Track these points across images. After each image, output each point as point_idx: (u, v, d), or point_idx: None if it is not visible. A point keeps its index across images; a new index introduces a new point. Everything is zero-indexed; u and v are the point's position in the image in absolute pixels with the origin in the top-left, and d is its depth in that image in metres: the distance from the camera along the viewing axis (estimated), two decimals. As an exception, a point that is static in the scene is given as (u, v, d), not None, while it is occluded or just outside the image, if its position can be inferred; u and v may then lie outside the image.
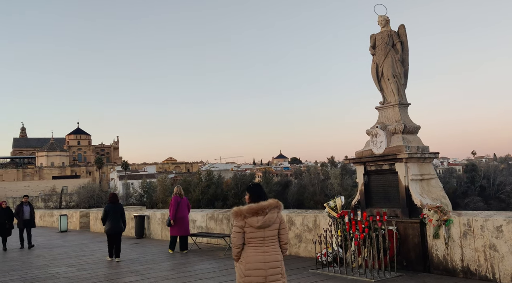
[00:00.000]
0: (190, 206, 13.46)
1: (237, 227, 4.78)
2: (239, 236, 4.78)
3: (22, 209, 16.57)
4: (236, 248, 4.81)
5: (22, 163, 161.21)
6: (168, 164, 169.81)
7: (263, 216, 4.79)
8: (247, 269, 4.76)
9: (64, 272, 10.40)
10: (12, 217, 16.44)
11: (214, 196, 69.56)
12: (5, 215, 16.19)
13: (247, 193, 5.01)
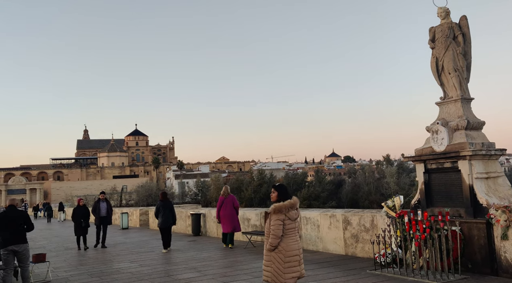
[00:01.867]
0: (237, 204, 13.74)
1: (279, 220, 5.51)
2: (281, 228, 5.51)
3: (99, 205, 15.98)
4: (278, 238, 5.49)
5: (85, 163, 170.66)
6: (221, 163, 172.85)
7: (296, 210, 5.70)
8: (287, 256, 5.49)
9: (127, 267, 10.90)
10: (88, 215, 15.80)
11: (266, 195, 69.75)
12: (81, 213, 15.56)
13: (274, 191, 5.76)
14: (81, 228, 15.37)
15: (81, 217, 15.43)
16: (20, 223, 8.59)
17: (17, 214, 8.70)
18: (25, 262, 8.61)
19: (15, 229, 8.45)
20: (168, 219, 13.49)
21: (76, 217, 15.50)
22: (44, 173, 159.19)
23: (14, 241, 8.38)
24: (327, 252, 11.23)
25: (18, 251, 8.43)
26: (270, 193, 5.93)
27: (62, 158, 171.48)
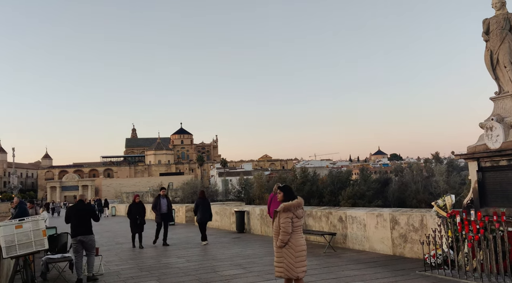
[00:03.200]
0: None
1: (288, 218, 5.93)
2: (290, 225, 5.93)
3: (160, 202, 15.26)
4: (288, 235, 5.91)
5: (133, 161, 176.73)
6: (263, 161, 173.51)
7: (302, 209, 6.13)
8: (297, 251, 5.94)
9: (174, 262, 11.19)
10: (144, 212, 15.30)
11: (309, 194, 69.26)
12: (137, 210, 15.04)
13: (280, 192, 6.19)
14: (137, 225, 14.89)
15: (137, 214, 14.97)
16: (87, 216, 9.57)
17: (84, 207, 9.70)
18: (91, 250, 9.47)
19: (82, 221, 9.42)
20: (205, 215, 14.92)
21: (132, 214, 15.07)
22: (95, 171, 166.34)
23: (82, 232, 9.33)
24: (373, 252, 11.00)
25: (85, 241, 9.36)
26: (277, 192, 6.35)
27: (111, 156, 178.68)
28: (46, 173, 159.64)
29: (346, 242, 12.11)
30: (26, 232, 7.89)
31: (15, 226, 7.90)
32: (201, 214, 14.78)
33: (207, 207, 15.04)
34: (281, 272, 5.93)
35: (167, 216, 15.32)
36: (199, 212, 14.83)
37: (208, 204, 15.28)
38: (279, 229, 5.94)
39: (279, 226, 5.94)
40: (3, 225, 7.83)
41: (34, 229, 7.97)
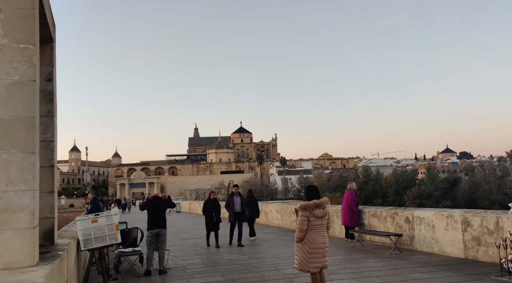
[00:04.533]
0: (349, 199, 14.20)
1: (304, 216, 6.46)
2: (305, 223, 6.46)
3: (233, 200, 14.57)
4: (302, 232, 6.45)
5: (196, 159, 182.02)
6: (323, 160, 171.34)
7: (322, 209, 6.55)
8: (312, 248, 6.39)
9: (237, 259, 11.37)
10: (220, 209, 14.53)
11: (372, 193, 67.38)
12: (213, 207, 14.35)
13: (305, 192, 6.84)
14: (213, 223, 14.12)
15: (213, 211, 14.21)
16: (163, 211, 10.24)
17: (160, 203, 10.36)
18: (162, 244, 10.08)
19: (158, 216, 10.10)
20: (253, 212, 15.70)
21: (208, 211, 14.37)
22: (161, 169, 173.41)
23: (157, 225, 10.01)
24: (443, 254, 10.48)
25: (159, 234, 10.02)
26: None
27: (176, 154, 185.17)
28: (116, 171, 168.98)
29: (413, 244, 11.63)
30: (101, 226, 8.36)
31: (91, 221, 8.39)
32: (249, 211, 15.45)
33: (255, 204, 15.89)
34: (296, 264, 6.54)
35: (241, 215, 14.58)
36: (248, 209, 15.45)
37: (256, 202, 16.12)
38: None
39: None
40: (80, 219, 8.36)
41: (108, 224, 8.43)
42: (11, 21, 4.41)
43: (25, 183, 4.40)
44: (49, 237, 6.19)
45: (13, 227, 4.30)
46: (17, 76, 4.42)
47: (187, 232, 19.89)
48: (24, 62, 4.46)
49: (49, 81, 6.21)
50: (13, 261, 4.28)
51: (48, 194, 6.20)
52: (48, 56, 6.19)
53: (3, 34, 4.37)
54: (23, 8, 4.48)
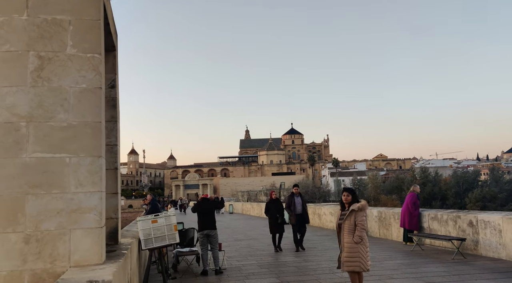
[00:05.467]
0: (409, 201, 13.80)
1: (364, 216, 6.58)
2: (366, 222, 6.66)
3: (294, 201, 13.48)
4: (365, 231, 6.56)
5: (247, 161, 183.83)
6: (378, 161, 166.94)
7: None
8: (367, 246, 6.59)
9: (292, 261, 11.33)
10: (283, 210, 13.65)
11: (430, 195, 64.57)
12: (275, 208, 13.48)
13: (349, 194, 6.73)
14: (277, 224, 13.26)
15: (276, 212, 13.37)
16: (212, 212, 10.49)
17: (209, 205, 10.61)
18: (214, 245, 10.28)
19: (208, 217, 10.33)
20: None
21: (271, 212, 13.51)
22: (213, 170, 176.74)
23: (207, 226, 10.25)
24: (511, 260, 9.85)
25: (210, 235, 10.24)
26: (343, 195, 6.83)
27: (227, 156, 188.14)
28: (171, 173, 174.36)
29: (478, 249, 11.02)
30: (160, 226, 8.65)
31: (151, 221, 8.72)
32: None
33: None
34: (356, 265, 6.47)
35: (302, 217, 13.49)
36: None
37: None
38: (353, 227, 6.55)
39: (353, 224, 6.54)
40: (141, 219, 8.70)
41: (167, 224, 8.71)
42: (79, 32, 4.68)
43: (93, 185, 4.65)
44: (114, 237, 6.49)
45: (83, 227, 4.56)
46: (85, 84, 4.69)
47: (240, 233, 20.11)
48: (91, 70, 4.71)
49: (112, 88, 6.53)
50: (83, 259, 4.53)
51: (112, 195, 6.52)
52: (111, 64, 6.52)
53: (72, 45, 4.65)
54: (90, 19, 4.74)
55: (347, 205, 6.75)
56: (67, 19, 4.65)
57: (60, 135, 4.55)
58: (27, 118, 4.48)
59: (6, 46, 4.51)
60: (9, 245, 4.36)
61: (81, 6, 4.71)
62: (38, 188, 4.45)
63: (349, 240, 6.59)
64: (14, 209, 4.39)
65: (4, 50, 4.51)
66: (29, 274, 4.36)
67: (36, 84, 4.52)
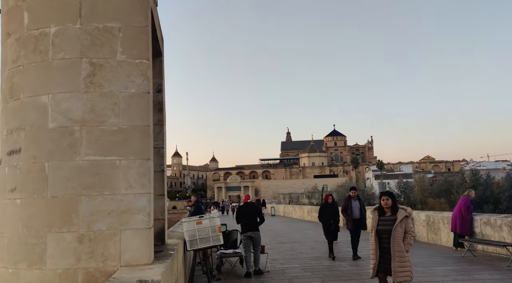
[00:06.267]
0: (463, 205, 13.34)
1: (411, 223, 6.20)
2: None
3: (351, 204, 12.37)
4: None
5: (288, 163, 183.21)
6: (425, 163, 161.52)
7: None
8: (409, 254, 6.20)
9: (337, 265, 11.15)
10: (338, 215, 12.89)
11: (482, 199, 61.45)
12: (331, 213, 12.62)
13: (389, 198, 6.27)
14: (331, 231, 12.53)
15: (330, 218, 12.51)
16: (255, 215, 10.56)
17: (252, 208, 10.72)
18: (257, 246, 10.38)
19: (251, 219, 10.45)
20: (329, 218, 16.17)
21: (325, 217, 12.67)
22: (255, 172, 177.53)
23: (250, 228, 10.37)
24: None
25: (253, 237, 10.33)
26: (381, 199, 6.33)
27: (269, 158, 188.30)
28: (213, 175, 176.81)
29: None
30: (205, 228, 8.77)
31: (196, 222, 8.86)
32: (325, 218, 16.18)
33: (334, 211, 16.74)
34: (407, 275, 6.07)
35: (359, 223, 12.27)
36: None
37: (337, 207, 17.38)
38: (401, 234, 6.11)
39: (402, 231, 6.13)
40: (186, 221, 8.87)
41: (211, 226, 8.82)
42: (129, 39, 4.84)
43: (142, 187, 4.78)
44: (161, 237, 6.65)
45: (133, 228, 4.69)
46: (134, 89, 4.83)
47: (283, 236, 20.05)
48: (139, 76, 4.86)
49: (159, 92, 6.71)
50: (132, 259, 4.66)
51: (159, 197, 6.68)
52: (158, 69, 6.69)
53: (121, 51, 4.82)
54: (139, 26, 4.90)
55: (387, 210, 6.30)
56: (117, 26, 4.82)
57: (111, 138, 4.72)
58: (80, 122, 4.68)
59: (61, 54, 4.74)
60: (64, 244, 4.56)
61: (130, 13, 4.87)
62: (90, 189, 4.63)
63: (400, 249, 6.11)
64: (68, 209, 4.59)
65: (59, 58, 4.74)
66: (83, 272, 4.54)
67: (89, 89, 4.71)
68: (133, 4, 4.91)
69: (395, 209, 6.26)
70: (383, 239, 6.19)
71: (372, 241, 6.31)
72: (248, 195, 11.81)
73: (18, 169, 4.79)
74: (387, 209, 6.31)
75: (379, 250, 6.22)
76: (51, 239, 4.57)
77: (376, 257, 6.21)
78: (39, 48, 4.79)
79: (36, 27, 4.83)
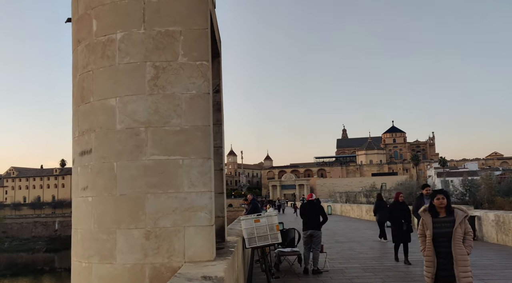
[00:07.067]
0: None
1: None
2: None
3: (423, 203, 10.81)
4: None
5: (344, 161, 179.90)
6: (492, 160, 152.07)
7: None
8: None
9: (399, 265, 10.82)
10: (410, 215, 11.82)
11: (557, 198, 56.98)
12: (401, 212, 11.69)
13: (444, 197, 5.61)
14: (402, 232, 11.41)
15: (402, 218, 11.57)
16: (316, 214, 10.69)
17: (313, 206, 10.82)
18: (317, 245, 10.43)
19: (312, 218, 10.59)
20: (385, 214, 16.08)
21: (395, 218, 11.79)
22: (310, 171, 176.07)
23: (311, 227, 10.50)
24: None
25: (313, 235, 10.43)
26: (436, 198, 5.66)
27: (324, 156, 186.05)
28: (268, 173, 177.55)
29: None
30: (262, 226, 8.83)
31: (254, 220, 8.95)
32: (381, 214, 16.86)
33: (385, 207, 16.87)
34: (470, 282, 5.48)
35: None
36: (379, 212, 17.10)
37: (385, 205, 17.26)
38: (462, 236, 5.56)
39: (462, 233, 5.56)
40: (244, 219, 8.98)
41: (269, 224, 8.87)
42: (189, 42, 4.98)
43: (204, 185, 4.90)
44: (221, 235, 6.78)
45: (195, 225, 4.82)
46: (195, 90, 4.96)
47: (341, 235, 19.74)
48: (200, 77, 4.98)
49: (217, 92, 6.84)
50: (196, 255, 4.79)
51: (219, 195, 6.81)
52: (216, 70, 6.82)
53: (183, 54, 4.96)
54: (199, 28, 5.02)
55: (441, 210, 5.67)
56: (178, 30, 4.97)
57: (174, 138, 4.87)
58: (146, 123, 4.87)
59: (126, 59, 4.97)
60: (132, 240, 4.78)
61: (190, 16, 5.01)
62: (156, 188, 4.81)
63: (462, 252, 5.57)
64: (136, 207, 4.81)
65: (125, 62, 4.97)
66: (150, 267, 4.73)
67: (153, 92, 4.90)
68: (193, 7, 5.03)
69: (449, 209, 5.66)
70: (440, 243, 5.58)
71: (429, 246, 5.66)
72: (311, 194, 11.79)
73: (89, 169, 5.08)
74: (440, 209, 5.69)
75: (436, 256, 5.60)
76: (120, 235, 4.80)
77: (434, 264, 5.59)
78: (107, 53, 5.05)
79: (104, 34, 5.09)
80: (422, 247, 5.82)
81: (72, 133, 5.49)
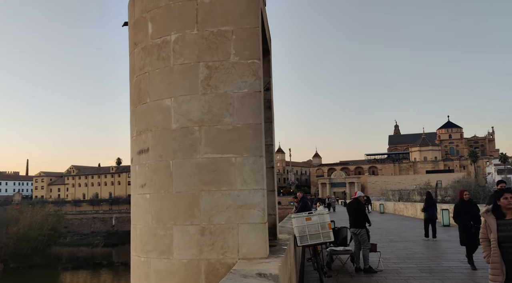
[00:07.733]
0: None
1: None
2: None
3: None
4: None
5: (397, 158, 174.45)
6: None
7: None
8: None
9: (458, 267, 10.36)
10: (479, 215, 10.47)
11: None
12: (468, 212, 10.57)
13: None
14: (470, 234, 10.33)
15: (469, 218, 10.48)
16: (356, 212, 10.53)
17: (352, 205, 10.84)
18: (362, 243, 10.29)
19: (355, 216, 10.58)
20: (433, 212, 17.03)
21: (461, 218, 10.69)
22: (360, 168, 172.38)
23: (353, 225, 10.55)
24: None
25: (356, 234, 10.39)
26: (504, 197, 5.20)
27: (375, 153, 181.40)
28: (317, 171, 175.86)
29: None
30: (314, 224, 8.76)
31: (305, 218, 8.89)
32: (429, 212, 17.01)
33: (433, 205, 17.43)
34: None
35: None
36: (428, 211, 17.10)
37: (434, 203, 17.90)
38: None
39: None
40: (295, 217, 8.95)
41: (321, 222, 8.78)
42: (241, 41, 5.03)
43: (256, 183, 4.93)
44: (273, 232, 6.80)
45: (249, 222, 4.87)
46: (246, 89, 5.00)
47: (394, 235, 19.19)
48: (251, 75, 5.02)
49: (267, 90, 6.86)
50: (249, 252, 4.84)
51: (270, 192, 6.82)
52: (266, 68, 6.85)
53: (234, 53, 5.02)
54: (250, 27, 5.05)
55: (508, 212, 5.18)
56: (230, 29, 5.03)
57: (226, 137, 4.95)
58: (199, 122, 4.98)
59: (180, 59, 5.10)
60: (188, 236, 4.90)
61: (242, 16, 5.05)
62: (210, 185, 4.91)
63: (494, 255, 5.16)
64: (191, 204, 4.93)
65: (179, 63, 5.10)
66: (205, 263, 4.84)
67: (206, 91, 5.00)
68: (245, 6, 5.08)
69: None
70: (506, 248, 5.09)
71: (495, 252, 5.16)
72: (356, 192, 11.55)
73: (147, 167, 5.27)
74: (507, 210, 5.20)
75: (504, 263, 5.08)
76: (176, 231, 4.95)
77: (503, 272, 5.05)
78: (162, 55, 5.21)
79: (159, 36, 5.25)
80: (485, 252, 5.35)
81: (130, 132, 5.72)
